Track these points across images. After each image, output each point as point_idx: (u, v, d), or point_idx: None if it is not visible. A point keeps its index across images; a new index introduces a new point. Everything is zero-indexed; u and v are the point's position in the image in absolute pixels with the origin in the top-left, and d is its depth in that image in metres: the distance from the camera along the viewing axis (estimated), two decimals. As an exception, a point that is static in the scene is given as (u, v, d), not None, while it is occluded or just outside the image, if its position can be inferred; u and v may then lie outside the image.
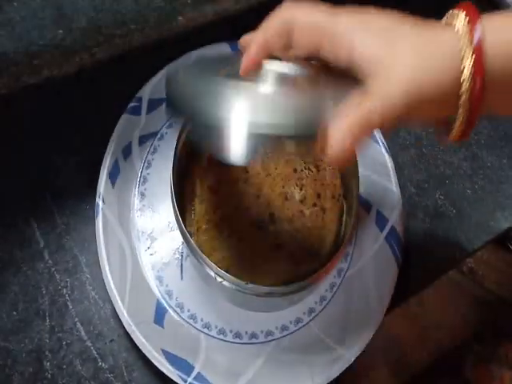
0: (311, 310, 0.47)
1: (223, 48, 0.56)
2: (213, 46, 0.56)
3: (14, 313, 0.45)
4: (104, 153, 0.49)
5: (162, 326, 0.44)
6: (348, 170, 0.47)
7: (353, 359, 0.45)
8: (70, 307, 0.45)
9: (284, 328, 0.46)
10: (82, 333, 0.44)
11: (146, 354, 0.42)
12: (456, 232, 0.53)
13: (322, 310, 0.47)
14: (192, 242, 0.38)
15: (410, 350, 0.87)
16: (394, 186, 0.52)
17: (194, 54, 0.54)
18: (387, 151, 0.54)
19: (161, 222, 0.49)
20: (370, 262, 0.50)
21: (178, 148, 0.41)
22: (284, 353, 0.45)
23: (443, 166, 0.56)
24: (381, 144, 0.55)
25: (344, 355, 0.45)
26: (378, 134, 0.55)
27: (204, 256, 0.38)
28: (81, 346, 0.44)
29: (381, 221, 0.51)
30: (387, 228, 0.50)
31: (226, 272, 0.38)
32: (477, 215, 0.54)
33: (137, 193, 0.49)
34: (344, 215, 0.48)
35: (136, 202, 0.49)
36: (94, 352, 0.44)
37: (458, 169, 0.55)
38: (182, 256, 0.47)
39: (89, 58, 0.54)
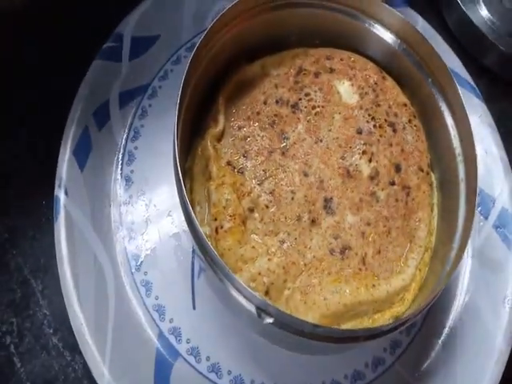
0: (395, 345, 0.33)
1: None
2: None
3: None
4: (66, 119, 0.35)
5: None
6: (440, 125, 0.32)
7: None
8: (18, 365, 0.30)
9: (357, 376, 0.32)
10: None
11: None
12: None
13: (411, 343, 0.32)
14: (213, 250, 0.25)
15: None
16: (496, 150, 0.38)
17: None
18: (481, 99, 0.39)
19: (158, 220, 0.35)
20: (474, 265, 0.34)
21: (184, 103, 0.29)
22: None
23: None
24: (471, 89, 0.40)
25: None
26: (466, 77, 0.40)
27: (236, 277, 0.24)
28: None
29: (483, 202, 0.36)
30: (494, 212, 0.36)
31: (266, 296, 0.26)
32: None
33: (119, 177, 0.35)
34: (435, 195, 0.33)
35: (119, 191, 0.35)
36: None
37: None
38: (192, 271, 0.33)
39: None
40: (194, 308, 0.32)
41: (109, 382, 0.28)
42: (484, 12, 0.46)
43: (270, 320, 0.24)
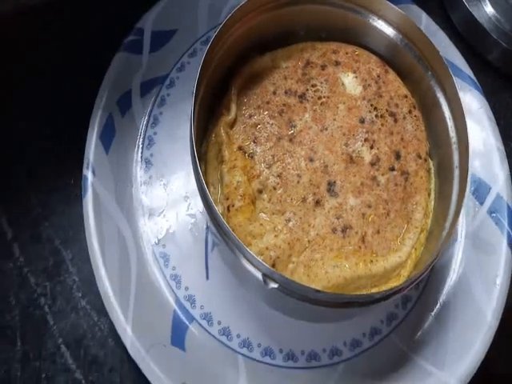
0: (391, 317, 0.34)
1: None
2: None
3: (-28, 334, 0.31)
4: (93, 107, 0.36)
5: (183, 349, 0.31)
6: (439, 115, 0.34)
7: None
8: (51, 323, 0.32)
9: (355, 344, 0.33)
10: (69, 360, 0.31)
11: None
12: None
13: (407, 316, 0.34)
14: (226, 224, 0.26)
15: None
16: (493, 139, 0.39)
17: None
18: (481, 92, 0.40)
19: (175, 199, 0.36)
20: (468, 247, 0.36)
21: (200, 93, 0.30)
22: (359, 380, 0.32)
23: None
24: (471, 82, 0.40)
25: (447, 382, 0.30)
26: (467, 70, 0.40)
27: (246, 248, 0.26)
28: (68, 378, 0.31)
29: (479, 189, 0.37)
30: (490, 198, 0.37)
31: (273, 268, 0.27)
32: None
33: (140, 160, 0.37)
34: (433, 181, 0.34)
35: (139, 172, 0.37)
36: None
37: None
38: (206, 245, 0.35)
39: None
40: (208, 278, 0.34)
41: (131, 339, 0.30)
42: (488, 8, 0.46)
43: (274, 285, 0.26)
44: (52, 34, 0.39)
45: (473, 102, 0.39)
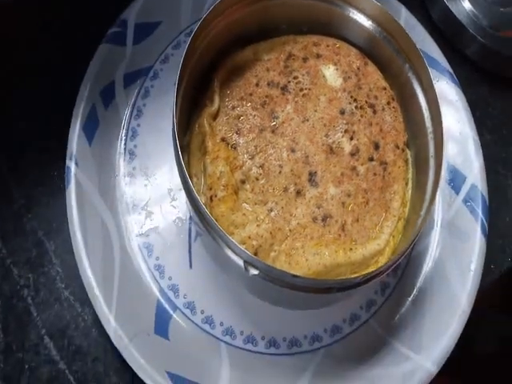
0: (370, 303, 0.35)
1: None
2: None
3: (-47, 325, 0.31)
4: (76, 96, 0.36)
5: (167, 338, 0.32)
6: (416, 107, 0.34)
7: (436, 370, 0.32)
8: (34, 314, 0.32)
9: (335, 330, 0.34)
10: (53, 350, 0.31)
11: (146, 381, 0.29)
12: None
13: (385, 302, 0.35)
14: (208, 213, 0.27)
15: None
16: (469, 130, 0.40)
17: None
18: (457, 84, 0.41)
19: (158, 190, 0.37)
20: (444, 235, 0.37)
21: (182, 85, 0.31)
22: (338, 365, 0.33)
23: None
24: (448, 75, 0.41)
25: (423, 365, 0.32)
26: (444, 63, 0.41)
27: (228, 236, 0.26)
28: (51, 369, 0.31)
29: (455, 179, 0.38)
30: (465, 188, 0.38)
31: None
32: None
33: (124, 151, 0.37)
34: (410, 170, 0.35)
35: (123, 163, 0.37)
36: (71, 377, 0.31)
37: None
38: (189, 236, 0.35)
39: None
40: (191, 268, 0.34)
41: (114, 329, 0.30)
42: (466, 4, 0.47)
43: (255, 272, 0.27)
44: (52, 33, 0.39)
45: (450, 94, 0.40)
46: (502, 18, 0.47)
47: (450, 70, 0.41)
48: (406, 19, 0.42)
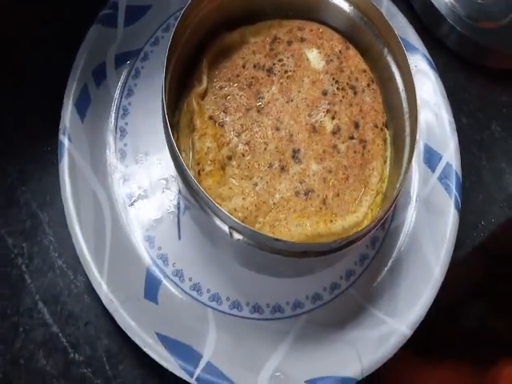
0: (350, 273, 0.37)
1: None
2: None
3: (-51, 292, 0.32)
4: (68, 76, 0.37)
5: (156, 302, 0.33)
6: (394, 89, 0.36)
7: (410, 333, 0.34)
8: (28, 281, 0.34)
9: (316, 297, 0.36)
10: (46, 315, 0.33)
11: (136, 341, 0.31)
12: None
13: (364, 271, 0.37)
14: (196, 183, 0.28)
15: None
16: (445, 112, 0.42)
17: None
18: (435, 70, 0.43)
19: (149, 166, 0.38)
20: (421, 210, 0.39)
21: (171, 65, 0.32)
22: (319, 330, 0.35)
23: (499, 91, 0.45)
24: (426, 61, 0.43)
25: (398, 329, 0.34)
26: (423, 50, 0.43)
27: (215, 202, 0.28)
28: (45, 332, 0.33)
29: (432, 158, 0.40)
30: (440, 166, 0.40)
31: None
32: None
33: (114, 128, 0.38)
34: (388, 150, 0.37)
35: (114, 140, 0.38)
36: (64, 340, 0.33)
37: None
38: (178, 209, 0.37)
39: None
40: (180, 238, 0.36)
41: (106, 293, 0.31)
42: None
43: (239, 237, 0.28)
44: (52, 33, 0.40)
45: (428, 80, 0.42)
46: (479, 10, 0.49)
47: (429, 57, 0.43)
48: (388, 8, 0.44)
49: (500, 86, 0.47)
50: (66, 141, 0.35)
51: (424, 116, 0.41)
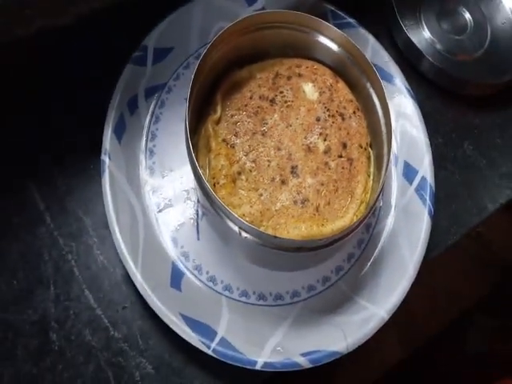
0: (339, 269, 0.43)
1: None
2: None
3: (14, 282, 0.39)
4: (107, 108, 0.43)
5: (180, 290, 0.39)
6: (376, 116, 0.41)
7: (387, 317, 0.39)
8: (77, 273, 0.40)
9: (311, 288, 0.42)
10: (91, 301, 0.39)
11: (164, 320, 0.37)
12: (486, 183, 0.48)
13: (351, 268, 0.43)
14: (213, 193, 0.33)
15: (421, 319, 0.82)
16: (422, 134, 0.47)
17: (202, 0, 0.48)
18: (413, 98, 0.48)
19: (173, 180, 0.44)
20: (399, 217, 0.45)
21: (192, 97, 0.37)
22: (312, 314, 0.40)
23: (471, 115, 0.50)
24: (406, 91, 0.49)
25: (378, 313, 0.40)
26: (402, 81, 0.48)
27: (228, 208, 0.33)
28: (90, 314, 0.39)
29: (409, 172, 0.46)
30: (417, 179, 0.45)
31: (250, 227, 0.34)
32: (509, 165, 0.48)
33: (145, 149, 0.44)
34: (372, 166, 0.42)
35: (145, 159, 0.44)
36: (105, 321, 0.39)
37: (487, 117, 0.49)
38: (197, 215, 0.42)
39: (86, 6, 0.47)
40: (198, 239, 0.41)
41: (140, 282, 0.37)
42: (426, 33, 0.55)
43: (246, 235, 0.34)
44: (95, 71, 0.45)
45: (407, 107, 0.47)
46: (456, 45, 0.55)
47: (408, 87, 0.48)
48: (373, 46, 0.49)
49: (472, 110, 0.52)
50: (106, 159, 0.41)
51: (403, 137, 0.47)
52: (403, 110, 0.48)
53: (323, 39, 0.42)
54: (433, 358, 0.84)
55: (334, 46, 0.42)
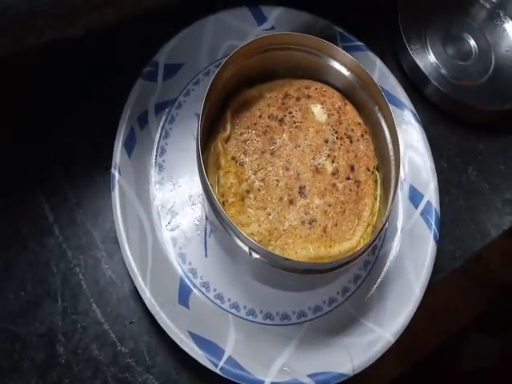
0: (345, 290, 0.44)
1: (243, 13, 0.51)
2: (232, 11, 0.50)
3: (22, 293, 0.39)
4: (118, 122, 0.44)
5: (188, 307, 0.40)
6: (383, 139, 0.43)
7: (393, 340, 0.41)
8: (84, 287, 0.40)
9: (317, 309, 0.43)
10: (99, 315, 0.40)
11: (172, 337, 0.38)
12: (489, 209, 0.49)
13: (357, 289, 0.44)
14: (223, 211, 0.34)
15: (420, 335, 0.83)
16: (427, 159, 0.48)
17: (212, 18, 0.49)
18: (419, 122, 0.50)
19: (181, 196, 0.45)
20: (405, 240, 0.46)
21: (204, 115, 0.37)
22: (319, 335, 0.41)
23: (475, 140, 0.52)
24: (412, 115, 0.51)
25: (384, 336, 0.41)
26: (409, 105, 0.50)
27: (237, 227, 0.34)
28: (97, 328, 0.40)
29: (415, 196, 0.47)
30: (422, 203, 0.47)
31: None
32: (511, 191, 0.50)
33: (154, 164, 0.45)
34: (378, 189, 0.44)
35: (154, 174, 0.45)
36: (113, 335, 0.39)
37: (490, 143, 0.51)
38: (205, 232, 0.43)
39: (98, 19, 0.48)
40: (206, 256, 0.42)
41: (149, 298, 0.38)
42: (431, 57, 0.57)
43: (257, 256, 0.34)
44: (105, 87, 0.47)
45: (413, 131, 0.49)
46: (460, 70, 0.57)
47: (414, 111, 0.50)
48: (380, 69, 0.51)
49: (476, 136, 0.54)
50: (116, 174, 0.41)
51: (410, 161, 0.49)
52: (410, 135, 0.50)
53: (333, 63, 0.43)
54: (430, 373, 0.85)
55: (343, 70, 0.44)
